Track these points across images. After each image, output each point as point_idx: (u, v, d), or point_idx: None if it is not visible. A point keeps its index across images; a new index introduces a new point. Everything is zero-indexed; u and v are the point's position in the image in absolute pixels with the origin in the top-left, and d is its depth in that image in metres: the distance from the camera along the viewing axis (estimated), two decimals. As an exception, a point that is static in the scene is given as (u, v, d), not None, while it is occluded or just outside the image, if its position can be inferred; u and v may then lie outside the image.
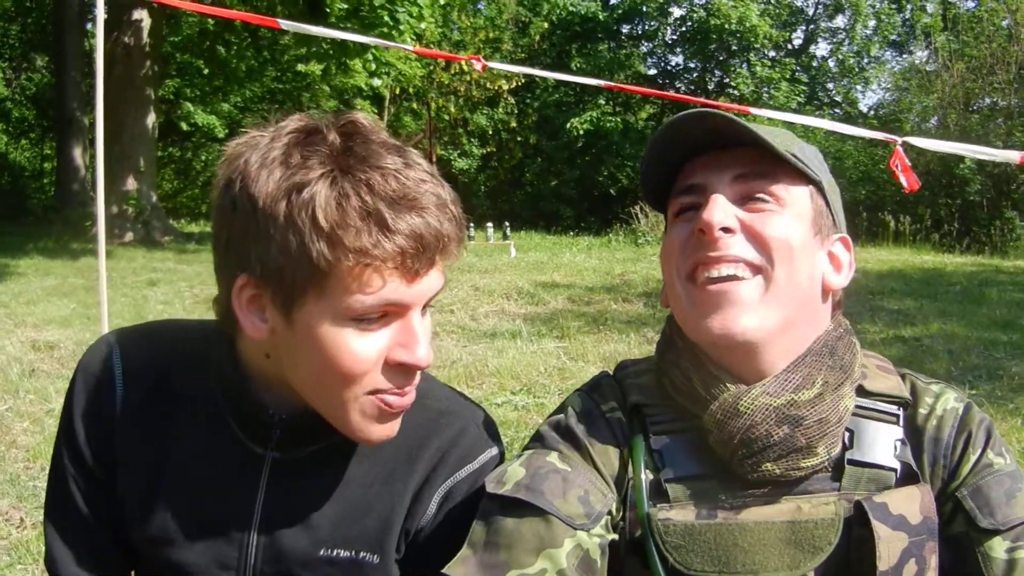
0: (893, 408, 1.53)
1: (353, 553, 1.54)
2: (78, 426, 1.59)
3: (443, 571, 1.40)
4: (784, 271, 1.45)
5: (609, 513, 1.47)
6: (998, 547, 1.43)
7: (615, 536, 1.48)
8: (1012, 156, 4.89)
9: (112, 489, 1.60)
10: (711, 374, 1.49)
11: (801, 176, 1.51)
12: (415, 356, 1.39)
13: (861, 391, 1.53)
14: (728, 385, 1.47)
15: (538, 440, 1.57)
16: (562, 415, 1.59)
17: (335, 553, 1.54)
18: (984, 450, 1.50)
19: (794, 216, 1.48)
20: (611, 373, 1.68)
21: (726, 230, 1.45)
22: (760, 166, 1.50)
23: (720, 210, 1.45)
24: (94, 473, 1.60)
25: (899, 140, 4.69)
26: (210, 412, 1.55)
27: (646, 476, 1.49)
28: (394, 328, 1.39)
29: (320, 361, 1.37)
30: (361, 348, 1.36)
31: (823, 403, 1.45)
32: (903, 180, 4.67)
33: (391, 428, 1.47)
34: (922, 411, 1.54)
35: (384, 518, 1.56)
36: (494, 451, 1.62)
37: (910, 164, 4.76)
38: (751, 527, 1.43)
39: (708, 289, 1.46)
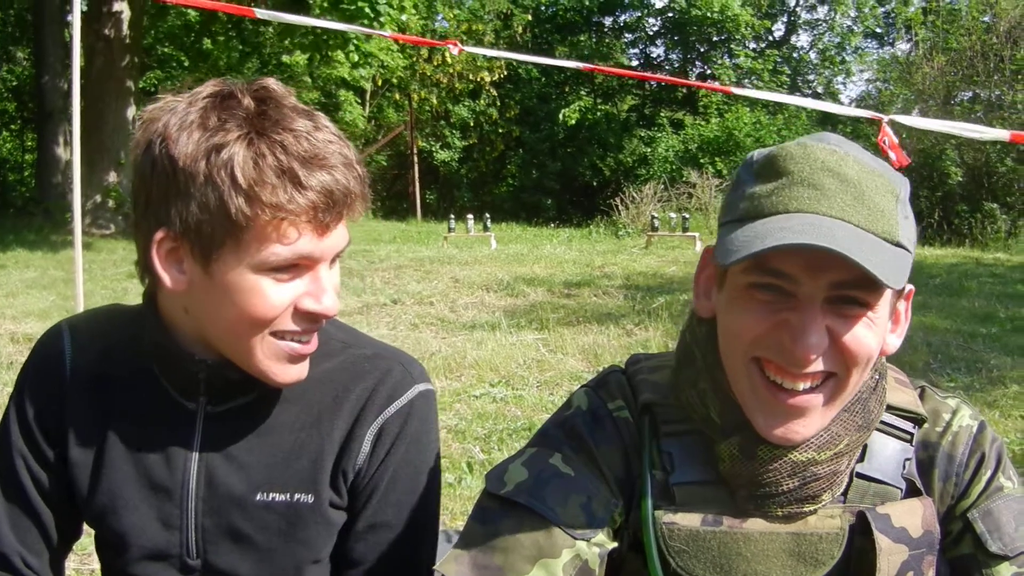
0: (908, 426, 1.50)
1: (288, 496, 1.62)
2: (28, 404, 1.67)
3: (435, 568, 1.39)
4: (857, 375, 1.37)
5: (611, 519, 1.44)
6: (1005, 572, 1.45)
7: (615, 544, 1.45)
8: (1001, 134, 4.92)
9: (60, 467, 1.67)
10: (734, 404, 1.42)
11: None
12: (323, 305, 1.50)
13: None
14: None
15: (542, 438, 1.53)
16: (567, 413, 1.54)
17: (271, 497, 1.62)
18: (996, 472, 1.50)
19: (880, 314, 1.35)
20: (621, 368, 1.61)
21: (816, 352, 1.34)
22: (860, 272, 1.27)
23: (815, 336, 1.31)
24: (43, 450, 1.67)
25: (885, 119, 4.75)
26: (145, 376, 1.63)
27: (653, 477, 1.45)
28: (305, 279, 1.49)
29: (235, 308, 1.47)
30: (274, 295, 1.47)
31: (839, 461, 1.41)
32: (892, 155, 4.73)
33: (300, 371, 1.57)
34: (938, 428, 1.52)
35: (315, 459, 1.64)
36: (421, 387, 1.70)
37: (897, 141, 4.83)
38: (756, 537, 1.41)
39: (777, 395, 1.36)
